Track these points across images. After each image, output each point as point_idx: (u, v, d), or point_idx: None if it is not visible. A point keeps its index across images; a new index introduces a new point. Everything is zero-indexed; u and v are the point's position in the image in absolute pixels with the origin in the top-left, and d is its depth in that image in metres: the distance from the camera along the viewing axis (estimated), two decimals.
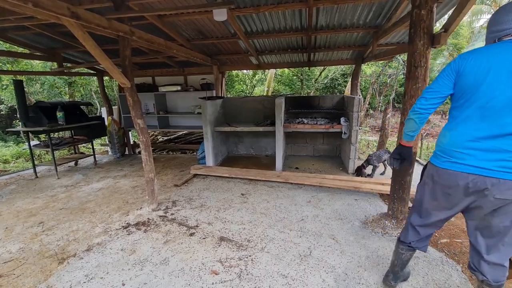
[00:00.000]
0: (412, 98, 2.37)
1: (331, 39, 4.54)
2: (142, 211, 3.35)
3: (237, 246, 2.54)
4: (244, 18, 3.74)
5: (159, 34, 3.96)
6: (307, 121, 4.75)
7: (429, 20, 2.18)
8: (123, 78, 2.89)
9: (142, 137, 3.19)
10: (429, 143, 7.76)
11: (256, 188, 3.97)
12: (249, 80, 15.11)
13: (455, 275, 2.10)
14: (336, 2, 3.16)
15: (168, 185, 4.27)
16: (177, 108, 6.50)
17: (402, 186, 2.61)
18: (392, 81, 13.19)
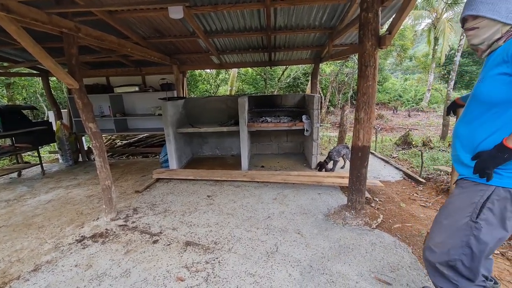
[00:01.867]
0: (363, 95, 2.54)
1: (290, 39, 4.67)
2: (99, 222, 3.11)
3: (204, 250, 2.49)
4: (203, 16, 3.66)
5: (110, 31, 3.70)
6: (271, 119, 4.82)
7: (376, 22, 2.35)
8: (69, 79, 2.64)
9: (95, 142, 2.96)
10: (383, 136, 8.40)
11: (222, 189, 3.93)
12: (213, 80, 14.90)
13: (406, 256, 2.30)
14: (293, 3, 3.25)
15: (128, 191, 4.03)
16: (135, 110, 6.15)
17: (359, 178, 2.78)
18: (349, 80, 14.03)
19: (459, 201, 1.37)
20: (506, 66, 1.16)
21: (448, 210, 1.42)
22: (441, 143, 6.46)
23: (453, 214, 1.37)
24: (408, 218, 2.99)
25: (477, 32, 1.28)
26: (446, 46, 14.59)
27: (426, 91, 16.94)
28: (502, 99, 1.20)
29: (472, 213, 1.29)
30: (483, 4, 1.23)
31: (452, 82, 7.25)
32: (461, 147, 1.40)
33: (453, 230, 1.34)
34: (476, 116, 1.32)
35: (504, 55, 1.17)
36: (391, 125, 11.54)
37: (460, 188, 1.41)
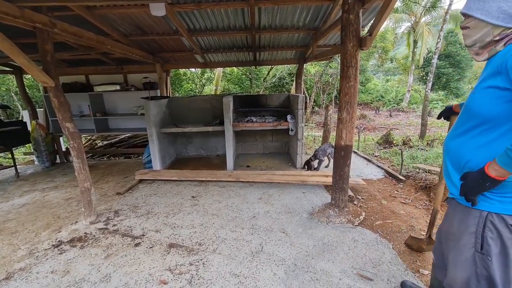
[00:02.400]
0: (346, 95, 2.59)
1: (274, 39, 4.68)
2: (78, 226, 2.99)
3: (188, 251, 2.45)
4: (186, 14, 3.60)
5: (89, 27, 3.56)
6: (256, 119, 4.82)
7: (357, 24, 2.40)
8: (44, 76, 2.52)
9: (72, 142, 2.84)
10: (365, 136, 8.62)
11: (207, 189, 3.89)
12: (198, 79, 14.73)
13: (387, 252, 2.37)
14: (276, 3, 3.26)
15: (109, 193, 3.90)
16: (117, 109, 5.97)
17: (342, 177, 2.83)
18: (333, 80, 14.30)
19: (458, 230, 1.24)
20: (500, 78, 1.02)
21: (450, 242, 1.29)
22: (420, 142, 6.71)
23: (457, 247, 1.23)
24: (389, 214, 3.08)
25: (468, 32, 1.16)
26: (424, 49, 15.19)
27: (406, 92, 17.55)
28: (494, 115, 1.06)
29: (475, 243, 1.15)
30: (475, 1, 1.10)
31: (430, 84, 7.56)
32: (450, 164, 1.28)
33: (463, 263, 1.20)
34: (466, 130, 1.19)
35: (499, 64, 1.02)
36: (373, 125, 11.86)
37: (453, 210, 1.30)
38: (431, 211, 2.21)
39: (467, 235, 1.18)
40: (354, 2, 2.33)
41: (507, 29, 1.04)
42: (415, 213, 3.21)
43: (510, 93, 0.99)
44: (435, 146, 6.16)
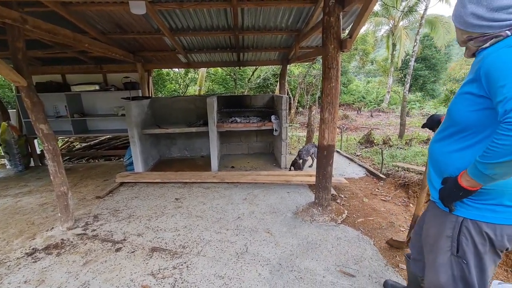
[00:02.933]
0: (327, 96, 2.64)
1: (258, 40, 4.70)
2: (54, 232, 2.85)
3: (171, 255, 2.40)
4: (168, 13, 3.54)
5: (65, 24, 3.42)
6: (240, 120, 4.82)
7: (337, 26, 2.45)
8: (14, 75, 2.39)
9: (47, 145, 2.70)
10: (348, 136, 8.84)
11: (191, 191, 3.83)
12: (181, 79, 14.49)
13: (368, 248, 2.43)
14: (259, 4, 3.27)
15: (88, 197, 3.75)
16: (96, 110, 5.76)
17: (325, 176, 2.89)
18: (317, 81, 14.54)
19: (435, 233, 1.26)
20: (475, 85, 1.02)
21: (428, 244, 1.32)
22: (399, 141, 6.97)
23: (434, 250, 1.26)
24: (370, 212, 3.17)
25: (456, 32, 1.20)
26: (402, 52, 15.78)
27: (386, 93, 18.17)
28: (471, 122, 1.06)
29: (451, 247, 1.18)
30: (454, 8, 1.16)
31: (407, 85, 7.87)
32: (432, 167, 1.29)
33: (440, 266, 1.23)
34: (447, 136, 1.19)
35: (475, 71, 1.02)
36: (355, 125, 12.18)
37: (431, 214, 1.32)
38: (413, 216, 2.28)
39: (444, 238, 1.20)
40: (335, 5, 2.39)
41: (468, 33, 1.09)
42: (394, 209, 3.32)
43: (485, 100, 0.99)
44: (413, 145, 6.42)
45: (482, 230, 1.09)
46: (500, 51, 0.94)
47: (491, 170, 0.92)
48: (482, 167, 0.93)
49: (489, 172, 0.93)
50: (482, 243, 1.10)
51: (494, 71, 0.91)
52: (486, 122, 1.02)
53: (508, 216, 1.06)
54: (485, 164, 0.92)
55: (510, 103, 0.84)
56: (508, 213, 1.06)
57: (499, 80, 0.88)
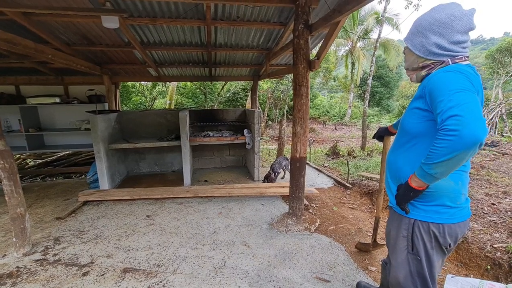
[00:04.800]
0: (299, 111, 2.82)
1: (230, 56, 4.85)
2: (7, 259, 2.56)
3: (145, 275, 2.30)
4: (140, 28, 3.53)
5: (25, 34, 3.23)
6: (213, 134, 4.84)
7: (306, 48, 2.68)
8: None
9: (3, 162, 2.47)
10: (315, 148, 9.26)
11: (163, 207, 3.71)
12: (148, 92, 14.08)
13: (341, 254, 2.58)
14: (232, 24, 3.43)
15: (46, 219, 3.43)
16: (55, 124, 5.36)
17: (298, 186, 3.02)
18: (284, 96, 15.14)
19: (394, 235, 1.41)
20: (421, 101, 1.21)
21: (390, 246, 1.48)
22: (361, 153, 7.49)
23: (394, 250, 1.41)
24: (340, 219, 3.36)
25: (405, 57, 1.38)
26: (360, 70, 17.25)
27: (348, 107, 19.50)
28: (419, 131, 1.25)
29: (407, 246, 1.33)
30: (410, 33, 1.31)
31: (367, 101, 8.60)
32: (389, 175, 1.45)
33: (400, 263, 1.38)
34: (401, 145, 1.37)
35: (421, 89, 1.23)
36: (321, 138, 12.81)
37: (391, 218, 1.48)
38: (374, 218, 2.50)
39: (401, 239, 1.36)
40: (304, 30, 2.61)
41: (426, 60, 1.26)
42: (361, 216, 3.56)
43: (429, 113, 1.19)
44: (374, 156, 6.95)
45: (430, 229, 1.26)
46: (439, 74, 1.15)
47: (433, 169, 1.08)
48: (426, 167, 1.10)
49: (432, 172, 1.09)
50: (429, 241, 1.27)
51: (434, 90, 1.12)
52: (429, 132, 1.22)
53: (449, 216, 1.25)
54: (428, 164, 1.08)
55: (445, 114, 1.03)
56: (449, 214, 1.25)
57: (438, 97, 1.09)
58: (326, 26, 2.49)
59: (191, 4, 2.90)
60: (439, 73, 1.16)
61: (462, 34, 1.18)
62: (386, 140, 2.22)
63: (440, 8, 1.22)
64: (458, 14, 1.17)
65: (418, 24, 1.27)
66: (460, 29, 1.17)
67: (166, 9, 3.05)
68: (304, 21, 2.61)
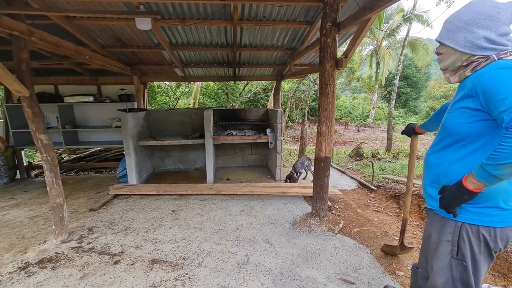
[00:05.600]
0: (324, 110, 2.79)
1: (254, 56, 4.90)
2: (47, 245, 2.77)
3: (172, 266, 2.38)
4: (169, 29, 3.67)
5: (65, 36, 3.47)
6: (236, 133, 4.91)
7: (334, 47, 2.65)
8: (18, 86, 2.40)
9: (46, 155, 2.67)
10: (337, 149, 9.08)
11: (187, 203, 3.83)
12: (172, 92, 14.54)
13: (366, 257, 2.52)
14: (258, 24, 3.46)
15: (81, 210, 3.66)
16: (88, 121, 5.70)
17: (322, 187, 2.99)
18: (306, 96, 14.98)
19: (436, 239, 1.34)
20: (471, 100, 1.15)
21: (430, 250, 1.40)
22: (386, 155, 7.25)
23: (435, 254, 1.34)
24: (364, 222, 3.27)
25: (442, 58, 1.29)
26: (385, 70, 16.65)
27: (371, 109, 18.91)
28: (468, 132, 1.18)
29: (451, 250, 1.26)
30: (446, 31, 1.24)
31: (393, 102, 8.29)
32: (428, 178, 1.39)
33: (441, 269, 1.31)
34: (444, 146, 1.30)
35: (470, 88, 1.16)
36: (344, 139, 12.54)
37: (431, 221, 1.41)
38: (402, 220, 2.41)
39: (444, 243, 1.28)
40: (331, 28, 2.59)
41: (472, 56, 1.19)
42: (387, 220, 3.45)
43: (481, 113, 1.13)
44: (400, 159, 6.69)
45: (479, 233, 1.19)
46: (494, 71, 1.09)
47: (499, 171, 1.01)
48: (491, 168, 1.02)
49: (498, 173, 1.02)
50: (478, 245, 1.20)
51: (491, 88, 1.06)
52: (482, 132, 1.16)
53: (502, 219, 1.18)
54: (494, 165, 1.02)
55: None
56: (501, 216, 1.18)
57: (498, 94, 1.03)
58: (355, 24, 2.45)
59: (219, 5, 2.97)
60: (493, 70, 1.10)
61: (507, 25, 1.14)
62: (414, 140, 2.15)
63: (479, 2, 1.18)
64: (501, 6, 1.14)
65: (457, 20, 1.21)
66: (506, 20, 1.13)
67: (195, 11, 3.15)
68: (332, 19, 2.58)
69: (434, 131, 1.79)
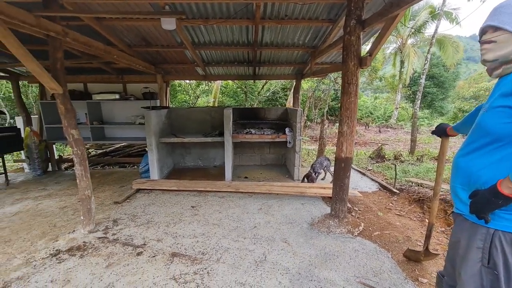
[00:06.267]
0: (347, 110, 2.73)
1: (274, 55, 4.88)
2: (76, 234, 2.93)
3: (191, 260, 2.44)
4: (192, 28, 3.74)
5: (95, 37, 3.64)
6: (255, 131, 4.92)
7: (358, 45, 2.58)
8: (54, 83, 2.55)
9: (76, 149, 2.83)
10: (357, 150, 8.85)
11: (206, 199, 3.90)
12: (192, 91, 14.84)
13: (387, 261, 2.44)
14: (280, 23, 3.45)
15: (106, 202, 3.84)
16: (114, 118, 5.95)
17: (342, 188, 2.93)
18: (325, 96, 14.72)
19: (465, 246, 1.26)
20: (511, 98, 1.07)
21: (458, 257, 1.31)
22: (410, 157, 6.96)
23: (464, 262, 1.26)
24: (386, 226, 3.17)
25: (494, 47, 1.15)
26: (410, 69, 15.96)
27: (394, 109, 18.22)
28: (506, 133, 1.10)
29: (482, 258, 1.18)
30: (508, 15, 1.09)
31: (418, 102, 7.94)
32: (459, 181, 1.31)
33: (470, 277, 1.23)
34: (478, 148, 1.22)
35: (510, 87, 1.08)
36: (364, 140, 12.19)
37: (460, 227, 1.33)
38: (427, 225, 2.31)
39: (474, 250, 1.21)
40: (356, 26, 2.53)
41: None
42: (410, 224, 3.32)
43: None
44: (425, 161, 6.41)
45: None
46: None
47: None
48: None
49: None
50: (510, 252, 1.12)
51: None
52: None
53: None
54: None
55: None
56: None
57: None
58: (381, 21, 2.37)
59: (242, 4, 2.99)
60: None
61: None
62: (445, 141, 2.06)
63: None
64: None
65: None
66: None
67: (218, 10, 3.20)
68: (357, 17, 2.52)
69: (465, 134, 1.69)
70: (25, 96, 11.92)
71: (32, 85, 9.20)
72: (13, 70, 5.41)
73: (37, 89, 6.78)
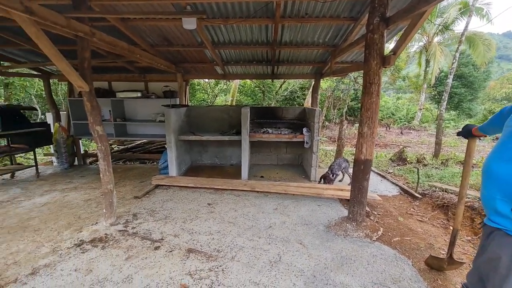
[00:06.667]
0: (367, 111, 2.64)
1: (293, 54, 4.83)
2: (98, 226, 3.07)
3: (207, 257, 2.48)
4: (212, 28, 3.78)
5: (120, 37, 3.77)
6: (272, 131, 4.90)
7: (381, 43, 2.49)
8: (81, 82, 2.68)
9: (101, 145, 2.96)
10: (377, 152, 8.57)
11: (222, 197, 3.94)
12: (210, 90, 15.04)
13: (407, 269, 2.35)
14: (300, 21, 3.40)
15: (127, 197, 3.99)
16: (136, 115, 6.16)
17: (361, 190, 2.85)
18: (345, 96, 14.39)
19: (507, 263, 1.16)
20: None
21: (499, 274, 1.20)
22: (434, 161, 6.65)
23: (506, 281, 1.16)
24: (406, 231, 3.05)
25: None
26: (436, 68, 15.20)
27: (417, 110, 17.47)
28: None
29: None
30: None
31: (444, 103, 7.55)
32: (498, 191, 1.18)
33: None
34: None
35: None
36: (384, 142, 11.79)
37: (501, 243, 1.20)
38: (452, 231, 2.20)
39: None
40: (379, 23, 2.44)
41: None
42: (433, 231, 3.17)
43: None
44: (450, 166, 6.09)
45: None
46: None
47: None
48: None
49: None
50: None
51: None
52: None
53: None
54: None
55: None
56: None
57: None
58: (407, 18, 2.27)
59: (262, 3, 2.98)
60: None
61: None
62: (471, 143, 1.96)
63: None
64: None
65: None
66: None
67: (238, 9, 3.21)
68: (381, 14, 2.43)
69: (494, 135, 1.57)
70: (55, 93, 12.60)
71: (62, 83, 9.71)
72: (44, 68, 5.73)
73: (66, 87, 7.15)
